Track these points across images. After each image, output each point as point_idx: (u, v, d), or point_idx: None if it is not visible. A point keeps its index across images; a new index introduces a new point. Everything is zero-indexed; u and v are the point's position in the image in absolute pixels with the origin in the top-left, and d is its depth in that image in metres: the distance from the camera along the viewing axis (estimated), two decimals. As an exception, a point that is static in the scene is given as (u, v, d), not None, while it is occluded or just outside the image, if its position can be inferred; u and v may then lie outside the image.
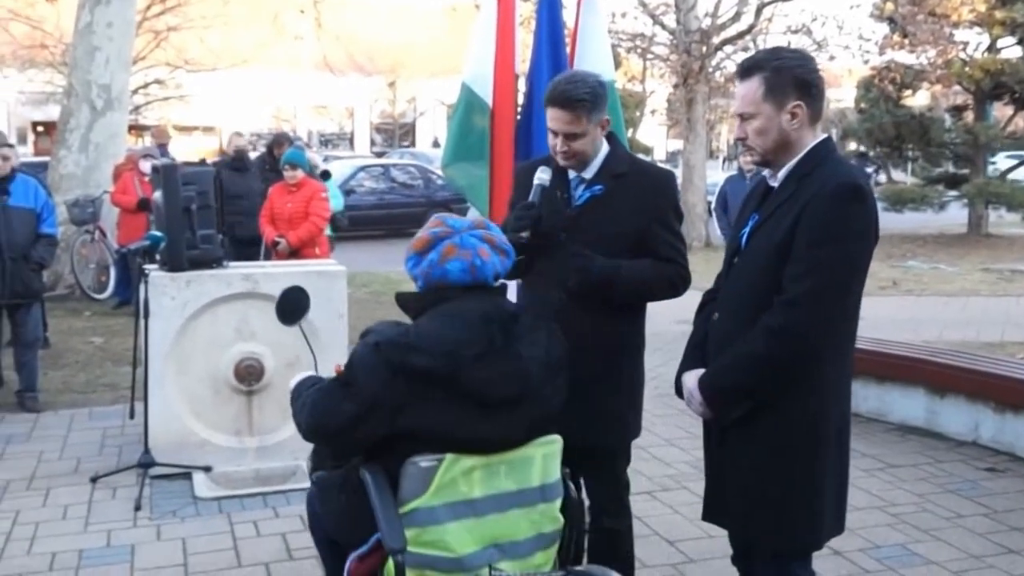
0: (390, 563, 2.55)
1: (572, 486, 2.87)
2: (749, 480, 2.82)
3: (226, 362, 5.34)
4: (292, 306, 3.21)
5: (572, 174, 3.33)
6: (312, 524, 3.02)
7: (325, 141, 49.89)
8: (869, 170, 24.66)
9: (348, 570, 2.70)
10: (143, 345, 5.14)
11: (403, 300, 2.75)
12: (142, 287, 5.11)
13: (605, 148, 3.31)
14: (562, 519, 2.78)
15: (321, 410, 2.64)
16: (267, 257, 8.57)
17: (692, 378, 2.92)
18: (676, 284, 3.28)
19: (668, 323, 9.93)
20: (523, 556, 2.71)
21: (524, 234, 3.18)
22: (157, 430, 5.22)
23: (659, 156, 55.00)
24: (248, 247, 8.88)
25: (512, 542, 2.68)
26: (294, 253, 7.87)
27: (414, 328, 2.61)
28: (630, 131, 35.01)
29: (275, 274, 5.38)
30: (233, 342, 5.35)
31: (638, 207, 3.23)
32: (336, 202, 9.65)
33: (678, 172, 22.68)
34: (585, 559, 3.01)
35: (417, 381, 2.52)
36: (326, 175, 9.72)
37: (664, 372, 7.56)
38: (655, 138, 55.68)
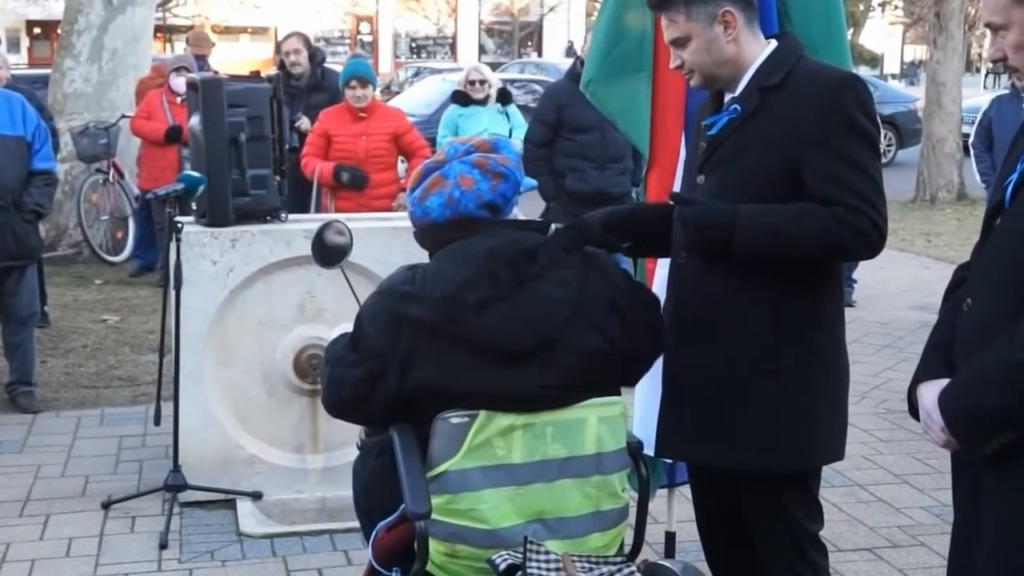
0: None
1: (643, 463, 3.26)
2: (1012, 548, 2.74)
3: (284, 351, 5.47)
4: (332, 245, 3.68)
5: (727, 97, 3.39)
6: (354, 499, 3.41)
7: (417, 48, 50.43)
8: None
9: (374, 541, 3.14)
10: (172, 326, 5.30)
11: (418, 240, 3.21)
12: (172, 247, 5.25)
13: (764, 54, 3.33)
14: (625, 498, 3.16)
15: (335, 381, 3.10)
16: (319, 206, 8.60)
17: (931, 392, 2.85)
18: (844, 238, 3.15)
19: (902, 308, 9.74)
20: (576, 536, 3.06)
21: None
22: (190, 442, 5.37)
23: (891, 68, 53.82)
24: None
25: (561, 518, 3.05)
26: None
27: (420, 272, 3.03)
28: (850, 32, 34.29)
29: (354, 231, 5.45)
30: (294, 323, 5.47)
31: (785, 129, 3.21)
32: (522, 135, 9.12)
33: (919, 91, 22.15)
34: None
35: (419, 332, 2.95)
36: (507, 97, 9.57)
37: (895, 378, 7.43)
38: (886, 42, 54.49)
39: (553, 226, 3.17)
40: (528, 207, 6.90)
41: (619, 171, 8.03)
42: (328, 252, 3.70)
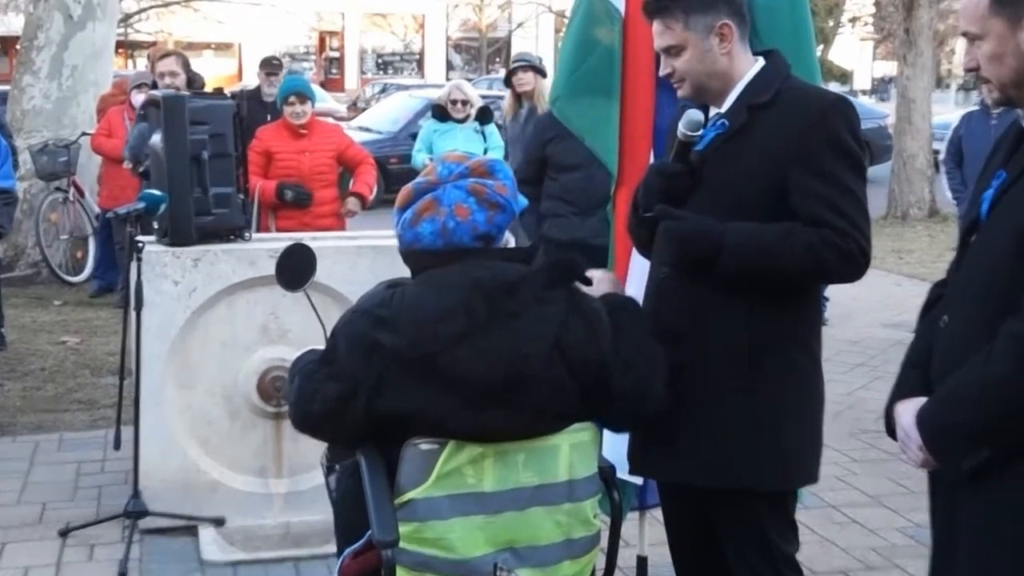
0: None
1: (615, 488, 3.28)
2: (988, 565, 2.74)
3: (247, 372, 5.44)
4: (296, 267, 3.67)
5: (713, 111, 3.40)
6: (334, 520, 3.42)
7: (384, 64, 50.51)
8: None
9: (340, 568, 3.13)
10: (133, 348, 5.26)
11: (403, 259, 3.13)
12: (133, 267, 5.21)
13: (753, 71, 3.36)
14: (597, 524, 3.15)
15: (305, 395, 3.06)
16: (259, 226, 8.51)
17: (909, 411, 2.86)
18: (829, 260, 3.20)
19: (875, 326, 9.80)
20: (546, 564, 3.06)
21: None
22: (151, 466, 5.33)
23: (861, 84, 54.20)
24: None
25: (532, 547, 3.03)
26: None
27: (399, 295, 2.99)
28: (820, 48, 34.52)
29: (318, 250, 5.42)
30: (257, 344, 5.44)
31: (773, 147, 3.23)
32: (497, 156, 9.09)
33: (889, 107, 22.28)
34: None
35: (389, 361, 2.92)
36: (487, 115, 9.54)
37: (868, 397, 7.44)
38: (856, 58, 54.86)
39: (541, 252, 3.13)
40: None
41: (604, 218, 7.12)
42: (292, 276, 3.66)
